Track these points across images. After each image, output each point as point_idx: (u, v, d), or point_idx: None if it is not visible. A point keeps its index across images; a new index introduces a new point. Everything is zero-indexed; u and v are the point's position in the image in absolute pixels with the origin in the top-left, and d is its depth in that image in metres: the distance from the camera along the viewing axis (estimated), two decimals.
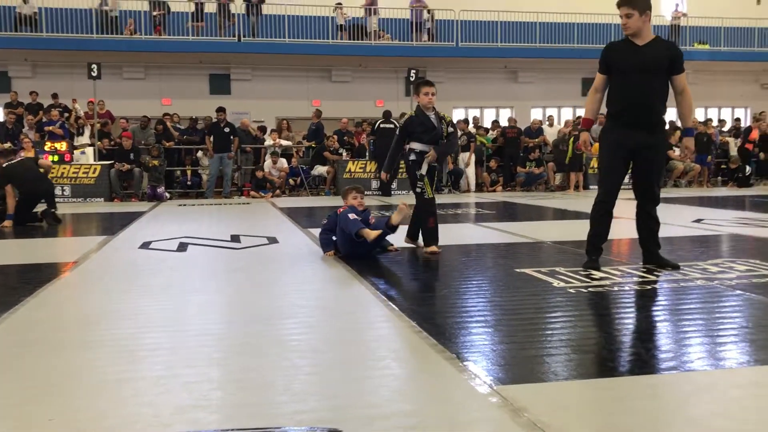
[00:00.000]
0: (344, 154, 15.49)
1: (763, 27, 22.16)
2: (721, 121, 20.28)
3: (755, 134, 16.74)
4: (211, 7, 18.85)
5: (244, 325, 3.42)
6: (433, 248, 5.70)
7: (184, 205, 12.50)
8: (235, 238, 6.99)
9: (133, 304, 3.95)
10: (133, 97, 18.79)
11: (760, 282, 4.19)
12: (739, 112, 22.92)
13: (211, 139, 14.22)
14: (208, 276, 4.92)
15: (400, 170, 14.78)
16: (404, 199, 5.90)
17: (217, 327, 3.41)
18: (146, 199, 13.58)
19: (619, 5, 4.66)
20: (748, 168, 16.35)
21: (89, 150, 14.64)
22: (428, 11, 20.10)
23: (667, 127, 9.08)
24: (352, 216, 5.47)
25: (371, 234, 5.29)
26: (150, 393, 2.42)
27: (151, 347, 3.02)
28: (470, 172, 15.58)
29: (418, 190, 5.78)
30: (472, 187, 15.56)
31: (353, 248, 5.43)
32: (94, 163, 14.01)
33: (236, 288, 4.50)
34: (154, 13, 18.44)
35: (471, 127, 16.59)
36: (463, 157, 15.53)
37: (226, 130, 14.30)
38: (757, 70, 23.00)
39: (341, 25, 19.56)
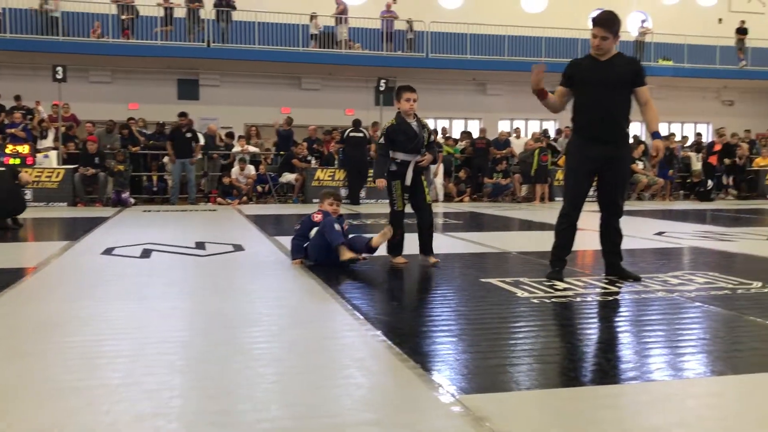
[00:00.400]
0: (313, 161, 15.46)
1: (724, 45, 22.71)
2: (684, 137, 20.70)
3: (718, 148, 17.11)
4: (180, 12, 18.71)
5: (208, 333, 3.38)
6: (400, 259, 5.68)
7: (149, 211, 12.34)
8: (200, 245, 6.92)
9: (94, 310, 3.88)
10: (99, 101, 18.52)
11: (718, 294, 4.28)
12: (701, 128, 23.42)
13: (173, 144, 14.08)
14: (171, 283, 4.86)
15: (369, 179, 14.84)
16: (373, 208, 5.87)
17: (179, 334, 3.37)
18: (111, 205, 13.38)
19: (596, 24, 4.71)
20: (709, 182, 16.70)
21: (53, 153, 14.37)
22: (407, 22, 20.22)
23: (630, 140, 9.21)
24: (337, 227, 5.44)
25: (346, 254, 5.26)
26: (107, 401, 2.38)
27: (110, 355, 2.97)
28: (438, 182, 15.65)
29: (393, 202, 5.71)
30: (440, 197, 15.63)
31: (327, 256, 5.41)
32: (58, 167, 13.76)
33: (200, 295, 4.45)
34: (123, 17, 18.22)
35: (440, 138, 16.68)
36: (432, 167, 15.58)
37: (188, 135, 14.16)
38: (718, 86, 23.56)
39: (314, 35, 19.56)
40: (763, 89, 23.71)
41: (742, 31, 22.66)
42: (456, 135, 18.44)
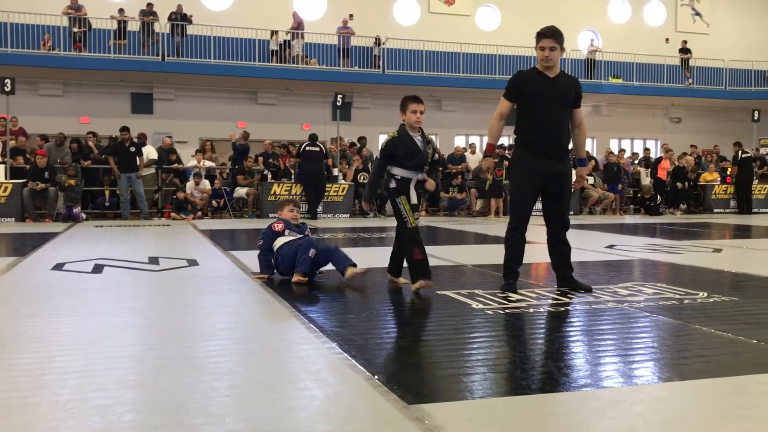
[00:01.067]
0: (269, 176, 15.40)
1: (671, 64, 23.45)
2: (634, 154, 21.23)
3: (666, 164, 17.59)
4: (134, 25, 18.49)
5: (161, 348, 3.34)
6: (423, 282, 4.87)
7: (101, 226, 12.11)
8: (153, 260, 6.82)
9: (42, 326, 3.80)
10: (50, 114, 18.16)
11: (666, 304, 4.40)
12: (651, 144, 24.06)
13: (116, 159, 13.88)
14: (123, 298, 4.78)
15: (327, 194, 14.84)
16: (330, 223, 5.82)
17: (132, 349, 3.32)
18: (61, 220, 13.08)
19: (545, 36, 4.82)
20: (658, 197, 17.15)
21: (0, 168, 14.00)
22: (375, 39, 20.35)
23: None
24: (311, 253, 5.35)
25: (297, 278, 5.29)
26: (55, 418, 2.33)
27: (59, 371, 2.91)
28: None
29: (404, 220, 4.99)
30: None
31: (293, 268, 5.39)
32: (5, 181, 13.41)
33: (153, 310, 4.38)
34: (75, 30, 17.92)
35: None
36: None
37: (132, 149, 13.98)
38: (666, 104, 24.27)
39: (274, 50, 19.52)
40: (709, 107, 24.52)
41: (685, 51, 23.43)
42: None
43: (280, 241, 5.57)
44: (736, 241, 9.91)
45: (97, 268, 6.20)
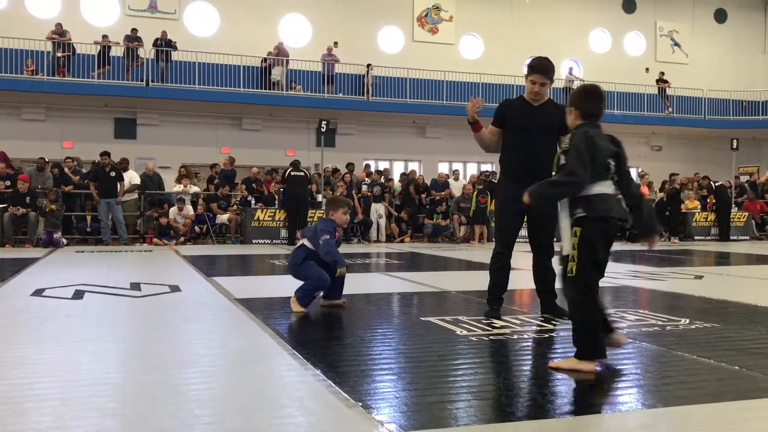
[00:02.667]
0: (252, 201, 15.38)
1: (651, 93, 23.83)
2: None
3: (644, 190, 17.77)
4: (118, 51, 18.51)
5: (142, 374, 3.30)
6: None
7: (83, 251, 12.00)
8: (135, 286, 6.76)
9: (22, 353, 3.74)
10: (32, 139, 18.05)
11: (648, 331, 4.42)
12: (633, 172, 24.29)
13: (96, 184, 13.81)
14: (105, 324, 4.72)
15: (311, 220, 14.82)
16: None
17: (113, 376, 3.27)
18: (41, 245, 12.94)
19: (536, 72, 4.88)
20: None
21: None
22: (367, 65, 20.51)
23: None
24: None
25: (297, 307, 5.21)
26: None
27: (38, 398, 2.86)
28: (382, 222, 15.79)
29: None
30: (382, 237, 15.74)
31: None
32: None
33: (135, 336, 4.34)
34: (59, 55, 17.90)
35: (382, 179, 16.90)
36: (377, 207, 15.75)
37: (112, 174, 13.91)
38: (647, 132, 24.60)
39: (273, 81, 19.59)
40: (689, 136, 24.88)
41: (662, 81, 23.84)
42: (396, 176, 18.66)
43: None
44: (716, 267, 10.00)
45: (78, 294, 6.13)
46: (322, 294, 5.40)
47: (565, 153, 3.48)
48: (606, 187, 3.42)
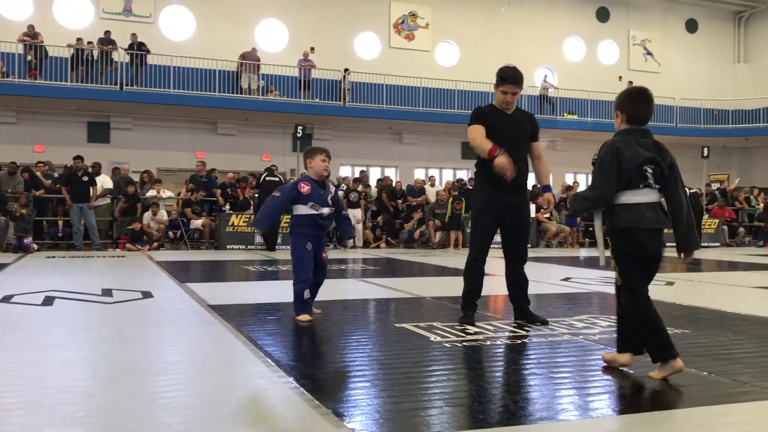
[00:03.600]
0: (227, 207, 15.28)
1: None
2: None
3: None
4: (91, 54, 18.30)
5: (112, 382, 3.25)
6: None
7: (54, 257, 11.82)
8: (106, 292, 6.67)
9: None
10: (3, 142, 17.81)
11: None
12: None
13: (68, 189, 13.62)
14: (74, 331, 4.65)
15: (285, 226, 14.75)
16: (289, 254, 5.62)
17: (82, 384, 3.22)
18: (11, 250, 12.73)
19: (509, 83, 4.91)
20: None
21: None
22: (344, 70, 20.50)
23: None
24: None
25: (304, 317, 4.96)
26: None
27: (5, 407, 2.81)
28: (359, 228, 15.78)
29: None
30: (359, 242, 15.73)
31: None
32: None
33: (105, 343, 4.28)
34: (30, 57, 17.65)
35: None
36: (355, 213, 15.73)
37: (84, 179, 13.74)
38: None
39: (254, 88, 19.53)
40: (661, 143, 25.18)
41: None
42: (373, 182, 18.67)
43: (299, 209, 5.01)
44: (687, 274, 10.13)
45: (48, 300, 6.04)
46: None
47: (593, 165, 3.46)
48: (636, 196, 3.37)
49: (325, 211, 5.01)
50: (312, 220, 4.99)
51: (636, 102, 3.60)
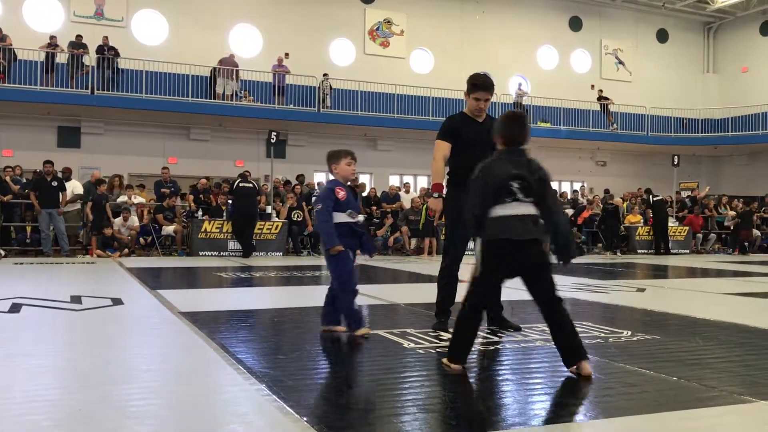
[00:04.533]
0: (200, 213, 15.16)
1: (596, 110, 24.45)
2: (563, 193, 21.89)
3: (586, 213, 18.17)
4: (62, 57, 18.05)
5: (80, 391, 3.19)
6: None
7: (21, 263, 11.61)
8: (75, 299, 6.56)
9: None
10: None
11: (591, 342, 4.49)
12: (577, 186, 24.89)
13: (37, 194, 13.40)
14: (41, 339, 4.57)
15: (260, 232, 14.66)
16: (268, 261, 5.64)
17: (49, 393, 3.16)
18: None
19: (481, 89, 4.98)
20: (582, 237, 17.74)
21: None
22: (324, 75, 20.46)
23: None
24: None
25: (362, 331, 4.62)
26: None
27: None
28: None
29: None
30: None
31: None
32: None
33: (73, 352, 4.20)
34: None
35: None
36: None
37: (54, 184, 13.54)
38: (592, 148, 25.19)
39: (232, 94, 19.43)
40: (632, 151, 25.58)
41: (603, 98, 24.47)
42: None
43: (336, 217, 4.65)
44: (658, 281, 10.26)
45: (15, 308, 5.92)
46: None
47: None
48: (504, 210, 3.59)
49: (361, 218, 4.74)
50: (349, 229, 4.70)
51: (510, 125, 3.86)
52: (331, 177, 4.82)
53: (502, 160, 3.72)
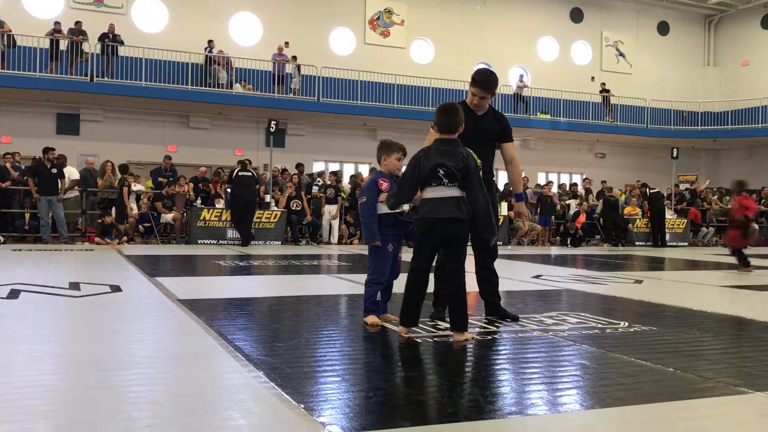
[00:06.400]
0: (199, 201, 15.15)
1: (596, 102, 24.41)
2: (562, 185, 21.93)
3: (582, 218, 18.14)
4: (62, 44, 17.98)
5: (78, 377, 3.20)
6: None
7: (20, 250, 11.61)
8: (74, 286, 6.57)
9: None
10: None
11: (589, 334, 4.51)
12: (576, 178, 24.90)
13: (35, 181, 13.38)
14: (41, 325, 4.57)
15: (259, 220, 14.66)
16: (266, 250, 5.65)
17: (47, 378, 3.17)
18: None
19: (478, 86, 4.95)
20: (580, 231, 17.80)
21: None
22: (293, 58, 20.41)
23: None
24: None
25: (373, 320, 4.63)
26: None
27: None
28: (335, 224, 15.74)
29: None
30: (334, 239, 15.69)
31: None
32: None
33: (71, 337, 4.21)
34: None
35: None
36: (330, 209, 15.69)
37: (53, 171, 13.51)
38: (591, 140, 25.18)
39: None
40: (631, 143, 25.58)
41: (605, 91, 24.43)
42: (346, 179, 18.64)
43: (379, 208, 4.63)
44: (655, 273, 10.29)
45: (13, 294, 5.93)
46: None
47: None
48: (431, 193, 4.14)
49: (406, 208, 4.64)
50: (393, 219, 4.65)
51: (442, 116, 4.25)
52: (378, 168, 4.90)
53: (433, 150, 4.18)
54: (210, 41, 19.46)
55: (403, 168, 4.67)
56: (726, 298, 6.95)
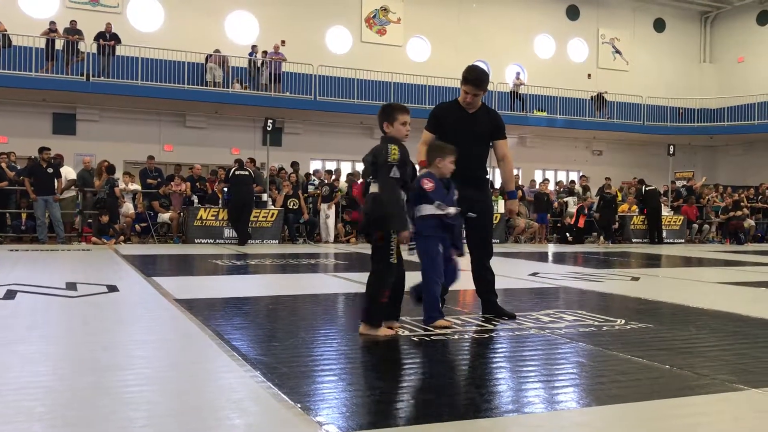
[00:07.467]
0: (195, 200, 15.13)
1: (593, 98, 24.43)
2: (559, 182, 21.93)
3: (583, 218, 18.16)
4: (57, 44, 17.94)
5: (74, 377, 3.20)
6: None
7: (17, 250, 11.59)
8: (71, 286, 6.56)
9: None
10: None
11: (585, 331, 4.52)
12: (573, 175, 24.92)
13: (32, 181, 13.34)
14: (36, 326, 4.57)
15: (256, 219, 14.65)
16: (264, 249, 5.65)
17: (43, 379, 3.16)
18: None
19: (470, 84, 4.95)
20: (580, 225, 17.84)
21: None
22: (253, 47, 20.32)
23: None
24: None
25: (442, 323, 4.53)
26: None
27: None
28: (331, 223, 15.72)
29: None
30: (331, 237, 15.68)
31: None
32: None
33: (68, 338, 4.21)
34: None
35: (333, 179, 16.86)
36: (325, 207, 15.67)
37: (50, 171, 13.47)
38: (588, 137, 25.20)
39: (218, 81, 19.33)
40: (628, 140, 25.60)
41: (600, 95, 24.42)
42: (343, 177, 18.62)
43: (424, 209, 4.53)
44: (652, 270, 10.30)
45: (10, 294, 5.92)
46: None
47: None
48: (372, 188, 4.29)
49: (452, 210, 4.57)
50: (439, 221, 4.55)
51: (380, 114, 4.58)
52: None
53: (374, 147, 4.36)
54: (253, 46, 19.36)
55: (452, 169, 4.60)
56: (722, 295, 6.96)
